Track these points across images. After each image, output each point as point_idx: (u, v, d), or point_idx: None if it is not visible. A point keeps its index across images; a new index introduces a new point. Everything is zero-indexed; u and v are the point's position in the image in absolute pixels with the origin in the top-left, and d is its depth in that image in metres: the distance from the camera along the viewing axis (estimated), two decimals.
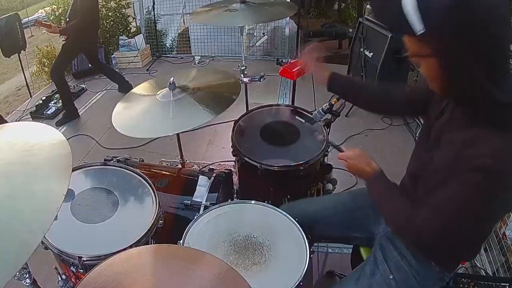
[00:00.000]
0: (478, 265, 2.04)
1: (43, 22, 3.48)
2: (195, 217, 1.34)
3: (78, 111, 3.75)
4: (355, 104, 1.53)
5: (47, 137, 0.85)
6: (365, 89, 1.43)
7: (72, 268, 1.28)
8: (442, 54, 0.85)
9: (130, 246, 1.22)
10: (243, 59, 2.19)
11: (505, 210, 1.14)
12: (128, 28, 5.34)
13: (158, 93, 1.66)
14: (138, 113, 1.64)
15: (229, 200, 1.45)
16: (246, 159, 1.67)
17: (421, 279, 1.14)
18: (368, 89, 1.44)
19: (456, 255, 1.14)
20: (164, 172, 1.85)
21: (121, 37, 4.91)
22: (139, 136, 1.53)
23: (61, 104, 3.77)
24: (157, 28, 5.12)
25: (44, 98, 3.93)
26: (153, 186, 1.46)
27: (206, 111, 1.53)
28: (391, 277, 1.15)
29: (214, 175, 1.72)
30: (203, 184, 1.66)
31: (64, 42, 3.50)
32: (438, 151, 1.03)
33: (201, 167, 2.65)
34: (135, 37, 4.91)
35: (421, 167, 1.10)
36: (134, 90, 1.84)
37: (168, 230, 1.51)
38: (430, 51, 0.86)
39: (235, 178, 2.07)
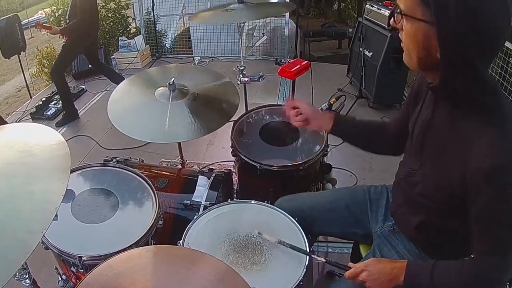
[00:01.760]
0: None
1: (43, 25, 3.49)
2: (195, 217, 1.34)
3: (78, 112, 3.76)
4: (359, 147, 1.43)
5: (46, 138, 0.85)
6: (366, 132, 1.36)
7: (72, 268, 1.29)
8: (442, 20, 0.79)
9: (130, 246, 1.22)
10: (241, 59, 2.19)
11: None
12: (128, 29, 5.34)
13: (157, 89, 1.66)
14: (135, 108, 1.64)
15: (229, 200, 1.45)
16: (246, 159, 1.67)
17: None
18: (369, 131, 1.36)
19: (455, 254, 1.14)
20: (163, 172, 1.85)
21: (120, 38, 4.91)
22: (132, 136, 1.53)
23: (61, 105, 3.77)
24: (157, 28, 5.13)
25: (44, 99, 3.93)
26: (153, 187, 1.46)
27: (203, 126, 1.53)
28: None
29: (213, 175, 1.72)
30: (202, 184, 1.66)
31: (64, 42, 3.51)
32: (427, 156, 1.02)
33: (200, 167, 2.65)
34: (135, 38, 4.92)
35: (408, 176, 1.11)
36: (129, 80, 1.82)
37: (168, 230, 1.52)
38: (424, 14, 0.82)
39: (235, 178, 2.07)
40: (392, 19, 0.92)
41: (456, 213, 0.97)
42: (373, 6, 3.60)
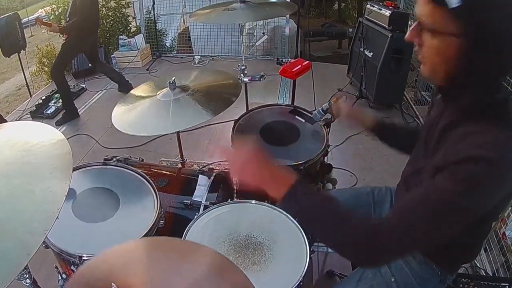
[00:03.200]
0: (478, 265, 2.04)
1: (43, 21, 3.48)
2: (195, 217, 1.34)
3: (78, 110, 3.75)
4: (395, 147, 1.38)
5: (47, 137, 0.85)
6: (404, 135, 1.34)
7: (72, 267, 1.28)
8: (480, 33, 0.75)
9: None
10: (243, 59, 2.19)
11: (499, 208, 0.98)
12: (128, 28, 5.34)
13: (158, 92, 1.67)
14: (138, 112, 1.65)
15: (229, 200, 1.45)
16: None
17: (422, 281, 1.13)
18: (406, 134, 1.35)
19: (456, 258, 1.14)
20: (164, 171, 1.85)
21: (121, 37, 4.91)
22: (139, 134, 1.53)
23: (61, 103, 3.77)
24: (157, 27, 5.12)
25: (44, 97, 3.93)
26: (154, 186, 1.46)
27: (205, 111, 1.53)
28: (392, 279, 1.14)
29: (214, 174, 1.72)
30: (203, 184, 1.66)
31: (64, 41, 3.51)
32: (430, 154, 1.00)
33: (201, 166, 2.65)
34: (135, 37, 4.92)
35: (414, 174, 1.09)
36: (134, 92, 1.83)
37: (168, 229, 1.51)
38: (457, 29, 0.77)
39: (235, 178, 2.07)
40: (414, 36, 0.85)
41: None
42: (373, 6, 3.60)
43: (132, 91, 1.84)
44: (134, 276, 0.82)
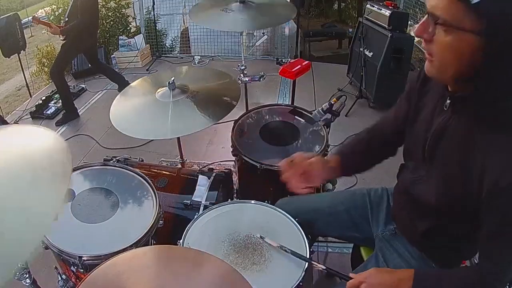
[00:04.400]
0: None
1: (41, 20, 3.47)
2: (195, 217, 1.33)
3: (78, 111, 3.76)
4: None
5: (45, 140, 0.82)
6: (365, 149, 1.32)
7: (72, 268, 1.29)
8: (498, 31, 0.73)
9: (131, 246, 1.22)
10: (242, 59, 2.19)
11: None
12: (128, 28, 5.34)
13: (157, 91, 1.67)
14: (137, 111, 1.65)
15: (229, 200, 1.45)
16: (246, 158, 1.67)
17: None
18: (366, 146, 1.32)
19: (454, 255, 1.14)
20: (163, 172, 1.85)
21: (121, 37, 4.91)
22: (137, 137, 1.53)
23: (61, 104, 3.77)
24: (157, 28, 5.12)
25: (44, 98, 3.93)
26: (153, 186, 1.46)
27: (205, 117, 1.54)
28: None
29: (213, 174, 1.72)
30: (202, 184, 1.66)
31: (63, 42, 3.51)
32: (438, 164, 0.98)
33: (200, 167, 2.65)
34: (135, 37, 4.91)
35: (415, 181, 1.08)
36: (133, 84, 1.84)
37: (168, 229, 1.51)
38: (475, 25, 0.73)
39: (235, 178, 2.07)
40: (423, 31, 0.82)
41: (464, 219, 0.96)
42: (373, 6, 3.60)
43: (132, 84, 1.85)
44: (142, 284, 0.82)
